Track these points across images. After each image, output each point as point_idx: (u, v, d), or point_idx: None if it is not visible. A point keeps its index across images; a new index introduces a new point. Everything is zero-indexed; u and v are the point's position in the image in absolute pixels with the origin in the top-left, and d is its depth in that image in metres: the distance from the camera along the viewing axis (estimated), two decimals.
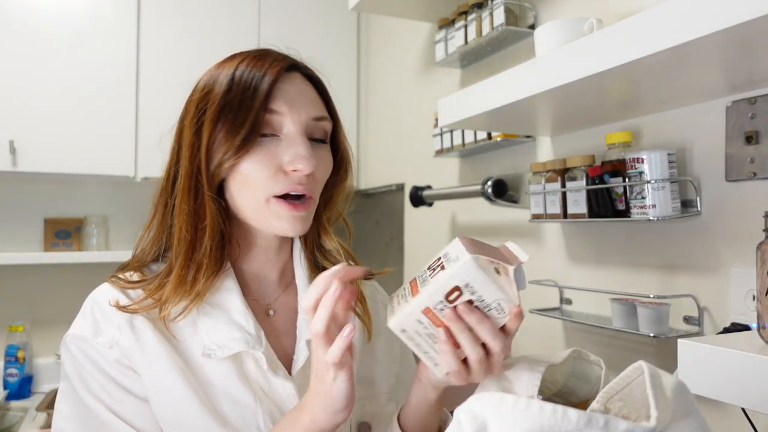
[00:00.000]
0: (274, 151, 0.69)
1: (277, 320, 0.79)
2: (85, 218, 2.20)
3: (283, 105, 0.69)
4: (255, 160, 0.69)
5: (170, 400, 0.68)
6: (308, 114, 0.71)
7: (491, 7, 1.41)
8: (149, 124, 2.04)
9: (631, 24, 0.76)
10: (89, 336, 0.69)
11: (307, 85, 0.74)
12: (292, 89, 0.71)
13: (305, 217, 0.71)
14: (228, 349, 0.70)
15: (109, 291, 0.73)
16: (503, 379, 0.61)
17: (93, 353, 0.69)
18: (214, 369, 0.71)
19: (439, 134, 1.68)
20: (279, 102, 0.69)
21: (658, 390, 0.44)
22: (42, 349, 2.15)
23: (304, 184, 0.70)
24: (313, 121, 0.72)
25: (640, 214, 1.00)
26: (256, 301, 0.78)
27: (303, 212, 0.71)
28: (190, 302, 0.71)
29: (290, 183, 0.69)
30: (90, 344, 0.69)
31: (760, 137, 0.91)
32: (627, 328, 1.06)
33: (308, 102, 0.72)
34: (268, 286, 0.80)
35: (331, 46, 2.34)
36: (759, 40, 0.69)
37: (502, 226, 1.55)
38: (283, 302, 0.80)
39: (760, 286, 0.69)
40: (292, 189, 0.69)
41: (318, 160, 0.71)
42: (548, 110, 1.11)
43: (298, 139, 0.69)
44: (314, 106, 0.73)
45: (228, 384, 0.70)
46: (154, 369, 0.69)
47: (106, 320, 0.70)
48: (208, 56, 0.78)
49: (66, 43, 1.95)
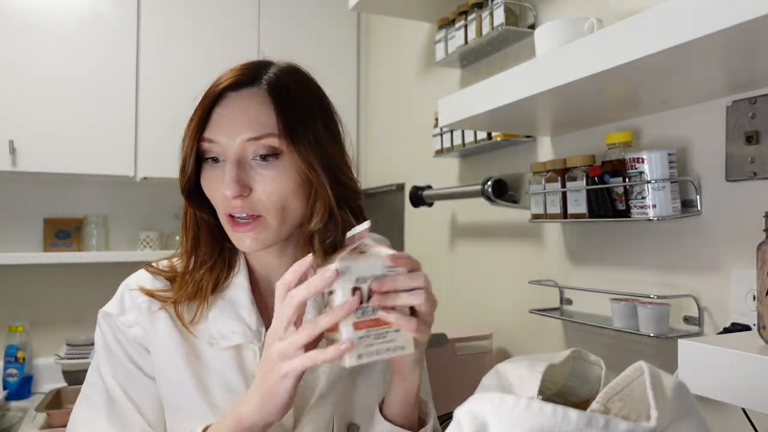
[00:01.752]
0: (216, 175, 0.74)
1: None
2: (84, 218, 2.20)
3: (218, 132, 0.73)
4: (206, 182, 0.75)
5: (171, 380, 0.76)
6: (242, 137, 0.72)
7: (491, 7, 1.41)
8: (149, 124, 2.04)
9: (631, 24, 0.76)
10: (116, 314, 0.79)
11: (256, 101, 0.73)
12: (232, 111, 0.73)
13: (253, 236, 0.74)
14: (229, 340, 0.77)
15: (140, 277, 0.82)
16: (503, 379, 0.61)
17: (116, 329, 0.79)
18: (216, 357, 0.77)
19: (439, 134, 1.68)
20: (213, 129, 0.73)
21: (658, 390, 0.44)
22: (42, 350, 2.15)
23: (239, 206, 0.72)
24: (251, 141, 0.72)
25: (641, 214, 1.00)
26: (266, 298, 0.84)
27: (249, 232, 0.73)
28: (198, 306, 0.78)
29: (229, 206, 0.73)
30: (115, 321, 0.79)
31: (761, 137, 0.91)
32: (627, 328, 1.06)
33: (246, 122, 0.72)
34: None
35: (331, 46, 2.34)
36: (759, 40, 0.69)
37: (502, 226, 1.55)
38: None
39: (761, 286, 0.69)
40: (231, 211, 0.74)
41: (259, 181, 0.73)
42: (548, 110, 1.11)
43: (227, 165, 0.72)
44: (253, 126, 0.72)
45: (226, 372, 0.76)
46: (162, 351, 0.77)
47: (132, 302, 0.79)
48: (207, 56, 0.79)
49: (66, 43, 1.95)
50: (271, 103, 0.73)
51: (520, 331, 1.47)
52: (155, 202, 2.25)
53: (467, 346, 1.46)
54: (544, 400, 0.47)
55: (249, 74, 0.75)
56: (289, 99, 0.74)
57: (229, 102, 0.74)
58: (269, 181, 0.73)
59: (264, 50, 2.10)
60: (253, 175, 0.73)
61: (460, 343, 1.44)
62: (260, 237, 0.74)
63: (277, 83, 0.75)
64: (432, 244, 1.87)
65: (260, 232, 0.74)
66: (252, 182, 0.72)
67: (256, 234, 0.74)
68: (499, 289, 1.57)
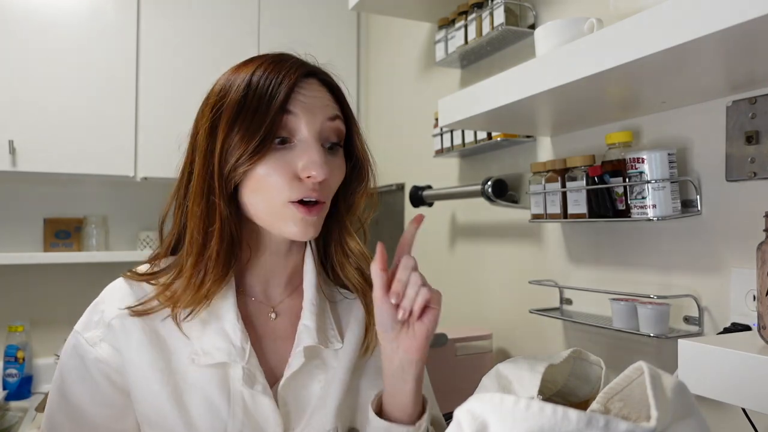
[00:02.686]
0: (288, 157, 0.70)
1: (280, 324, 0.79)
2: (84, 218, 2.20)
3: (299, 109, 0.71)
4: (270, 165, 0.70)
5: (146, 397, 0.71)
6: (323, 116, 0.72)
7: (491, 6, 1.41)
8: (149, 124, 2.04)
9: (631, 24, 0.76)
10: (80, 329, 0.75)
11: (323, 90, 0.75)
12: (308, 95, 0.72)
13: (316, 222, 0.73)
14: (211, 357, 0.72)
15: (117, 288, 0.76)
16: (503, 379, 0.61)
17: (78, 345, 0.74)
18: (199, 373, 0.72)
19: (439, 134, 1.68)
20: (295, 106, 0.71)
21: (658, 390, 0.44)
22: (41, 350, 2.15)
23: (317, 190, 0.71)
24: (328, 122, 0.73)
25: (641, 214, 1.00)
26: (261, 303, 0.79)
27: (315, 217, 0.72)
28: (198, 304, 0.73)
29: (305, 189, 0.71)
30: (78, 337, 0.74)
31: (761, 137, 0.91)
32: (627, 328, 1.06)
33: (323, 106, 0.73)
34: (275, 288, 0.81)
35: (331, 46, 2.34)
36: (759, 40, 0.69)
37: (502, 226, 1.55)
38: (288, 306, 0.81)
39: (761, 286, 0.69)
40: (306, 195, 0.71)
41: (331, 167, 0.73)
42: (548, 110, 1.11)
43: (312, 146, 0.70)
44: (328, 107, 0.74)
45: (208, 390, 0.72)
46: (136, 366, 0.72)
47: (99, 316, 0.74)
48: (207, 56, 0.79)
49: (66, 43, 1.95)
50: (333, 95, 0.76)
51: (520, 331, 1.47)
52: (155, 202, 2.23)
53: (467, 346, 1.46)
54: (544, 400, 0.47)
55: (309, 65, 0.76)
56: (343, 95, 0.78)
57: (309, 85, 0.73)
58: (336, 167, 0.74)
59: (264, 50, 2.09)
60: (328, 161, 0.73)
61: (460, 343, 1.44)
62: (319, 223, 0.74)
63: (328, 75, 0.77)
64: (432, 244, 1.86)
65: (321, 218, 0.74)
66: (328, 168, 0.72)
67: (319, 220, 0.73)
68: (499, 289, 1.57)
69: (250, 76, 0.71)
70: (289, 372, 0.74)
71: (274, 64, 0.72)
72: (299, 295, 0.80)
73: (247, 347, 0.73)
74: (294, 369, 0.74)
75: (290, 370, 0.74)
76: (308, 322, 0.76)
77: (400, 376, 0.71)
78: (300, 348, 0.75)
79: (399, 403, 0.72)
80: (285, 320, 0.80)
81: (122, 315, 0.73)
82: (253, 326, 0.78)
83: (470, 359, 1.44)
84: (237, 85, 0.71)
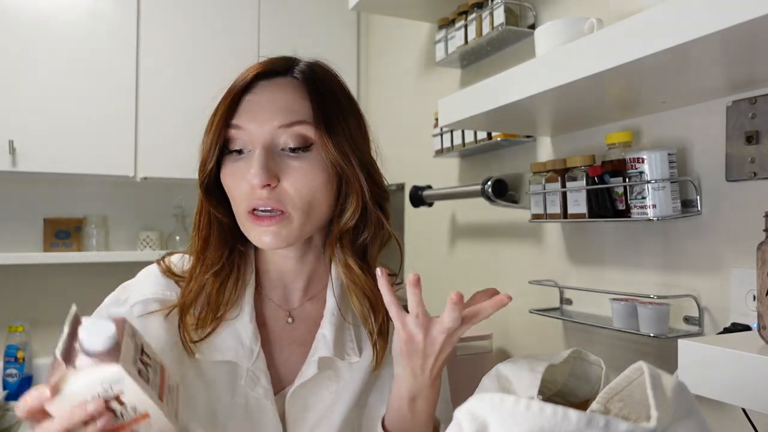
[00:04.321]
0: (241, 167, 0.70)
1: (296, 328, 0.78)
2: (84, 218, 2.20)
3: (246, 119, 0.69)
4: (229, 175, 0.71)
5: None
6: (272, 123, 0.69)
7: (491, 6, 1.41)
8: (149, 124, 2.04)
9: (631, 24, 0.76)
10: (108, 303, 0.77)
11: (287, 89, 0.71)
12: (262, 98, 0.70)
13: (275, 231, 0.69)
14: (220, 354, 0.72)
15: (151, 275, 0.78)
16: (503, 379, 0.61)
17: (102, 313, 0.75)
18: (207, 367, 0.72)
19: (439, 134, 1.68)
20: (242, 116, 0.70)
21: (658, 390, 0.44)
22: (42, 350, 2.15)
23: (265, 198, 0.68)
24: (282, 128, 0.69)
25: (641, 214, 1.00)
26: (279, 308, 0.78)
27: (270, 226, 0.69)
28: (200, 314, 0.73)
29: (254, 198, 0.69)
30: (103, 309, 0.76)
31: (761, 137, 0.91)
32: (627, 328, 1.06)
33: (277, 109, 0.69)
34: (293, 293, 0.80)
35: (331, 46, 2.34)
36: (759, 40, 0.69)
37: (502, 226, 1.55)
38: (306, 311, 0.79)
39: (761, 286, 0.69)
40: (254, 204, 0.69)
41: (287, 172, 0.69)
42: (548, 110, 1.11)
43: (255, 153, 0.68)
44: (284, 113, 0.69)
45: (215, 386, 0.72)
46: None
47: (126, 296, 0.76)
48: (207, 56, 0.79)
49: (66, 43, 1.95)
50: (305, 91, 0.71)
51: (520, 331, 1.47)
52: (155, 202, 2.24)
53: (467, 346, 1.45)
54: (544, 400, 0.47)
55: (281, 64, 0.73)
56: (324, 90, 0.73)
57: (260, 89, 0.71)
58: (299, 173, 0.69)
59: (264, 50, 2.09)
60: (282, 166, 0.69)
61: (460, 343, 1.43)
62: (282, 233, 0.69)
63: (311, 74, 0.73)
64: (432, 244, 1.86)
65: (283, 227, 0.69)
66: (281, 173, 0.68)
67: (279, 229, 0.69)
68: (499, 289, 1.57)
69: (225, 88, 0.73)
70: (299, 381, 0.73)
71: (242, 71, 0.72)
72: (319, 301, 0.79)
73: (256, 349, 0.72)
74: (305, 378, 0.73)
75: (301, 378, 0.73)
76: (326, 332, 0.75)
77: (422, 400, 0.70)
78: (315, 358, 0.73)
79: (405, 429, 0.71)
80: (302, 326, 0.78)
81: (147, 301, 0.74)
82: (267, 329, 0.77)
83: (470, 359, 1.44)
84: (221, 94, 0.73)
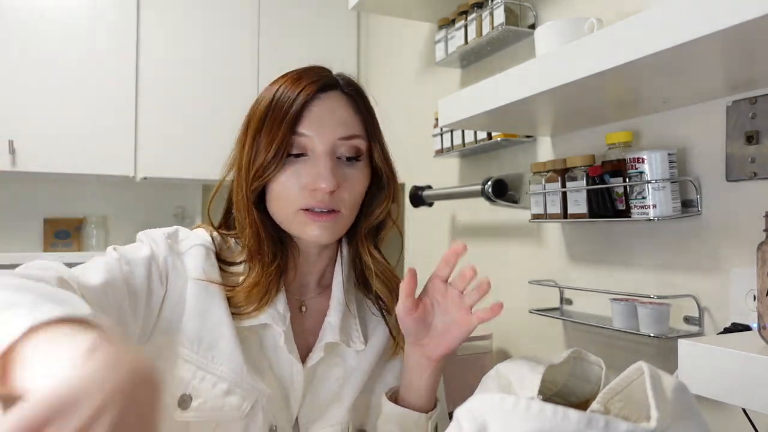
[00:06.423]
0: (302, 169, 0.76)
1: (307, 317, 0.85)
2: (84, 218, 2.20)
3: (311, 128, 0.76)
4: (285, 176, 0.76)
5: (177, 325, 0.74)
6: (335, 134, 0.76)
7: (491, 6, 1.41)
8: (149, 124, 2.04)
9: (631, 24, 0.76)
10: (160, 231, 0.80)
11: (341, 103, 0.79)
12: (323, 110, 0.77)
13: (330, 227, 0.77)
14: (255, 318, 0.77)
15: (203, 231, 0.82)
16: (503, 379, 0.61)
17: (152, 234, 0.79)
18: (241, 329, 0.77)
19: (439, 134, 1.68)
20: (307, 125, 0.76)
21: (658, 391, 0.44)
22: None
23: (326, 201, 0.76)
24: (342, 140, 0.77)
25: (641, 214, 1.00)
26: (295, 297, 0.85)
27: (327, 222, 0.76)
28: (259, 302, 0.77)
29: (314, 199, 0.76)
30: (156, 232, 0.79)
31: (761, 137, 0.91)
32: (627, 328, 1.06)
33: (337, 122, 0.77)
34: (307, 286, 0.87)
35: (331, 46, 2.34)
36: (759, 40, 0.69)
37: (502, 226, 1.55)
38: (316, 302, 0.86)
39: (761, 286, 0.69)
40: (315, 205, 0.76)
41: (345, 179, 0.77)
42: (548, 110, 1.11)
43: (322, 160, 0.75)
44: (343, 126, 0.77)
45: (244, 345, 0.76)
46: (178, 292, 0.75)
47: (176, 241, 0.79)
48: (207, 56, 0.79)
49: (66, 43, 1.95)
50: (355, 106, 0.80)
51: (520, 331, 1.47)
52: (155, 202, 2.25)
53: (467, 346, 1.45)
54: (544, 400, 0.47)
55: (330, 77, 0.80)
56: (366, 106, 0.82)
57: (320, 101, 0.77)
58: (354, 180, 0.79)
59: (264, 50, 2.10)
60: (339, 173, 0.77)
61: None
62: (335, 230, 0.78)
63: (354, 89, 0.81)
64: (432, 244, 1.86)
65: (336, 225, 0.78)
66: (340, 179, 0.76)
67: (333, 225, 0.77)
68: (499, 289, 1.56)
69: (274, 92, 0.77)
70: (309, 363, 0.79)
71: (295, 80, 0.78)
72: (328, 293, 0.86)
73: (287, 316, 0.78)
74: (314, 361, 0.80)
75: (310, 362, 0.79)
76: (333, 319, 0.82)
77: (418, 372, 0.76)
78: (322, 343, 0.80)
79: (414, 397, 0.77)
80: (312, 316, 0.85)
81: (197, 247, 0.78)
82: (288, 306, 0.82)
83: (470, 359, 1.44)
84: (265, 99, 0.78)
